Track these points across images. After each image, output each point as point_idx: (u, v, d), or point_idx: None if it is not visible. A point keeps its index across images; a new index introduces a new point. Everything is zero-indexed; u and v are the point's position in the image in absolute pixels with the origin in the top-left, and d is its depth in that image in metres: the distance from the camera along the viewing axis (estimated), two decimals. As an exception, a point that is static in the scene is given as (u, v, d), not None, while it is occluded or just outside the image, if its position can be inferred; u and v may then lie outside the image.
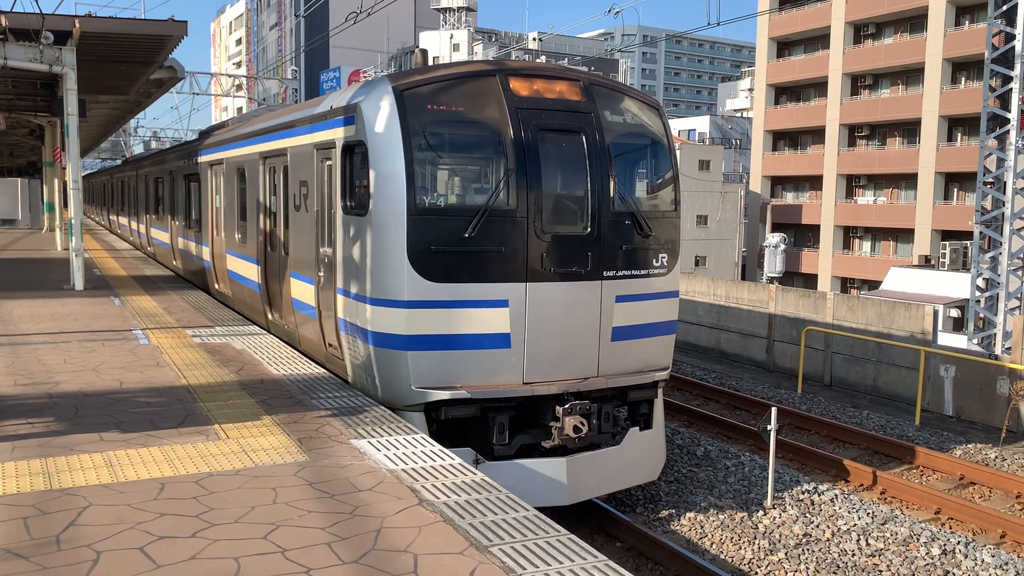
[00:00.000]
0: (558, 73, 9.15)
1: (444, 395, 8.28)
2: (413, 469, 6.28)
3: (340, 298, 9.15)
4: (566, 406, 8.61)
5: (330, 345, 9.65)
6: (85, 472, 6.06)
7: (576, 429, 8.56)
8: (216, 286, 15.67)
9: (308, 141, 10.11)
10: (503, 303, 8.36)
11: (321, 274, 9.71)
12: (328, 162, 9.44)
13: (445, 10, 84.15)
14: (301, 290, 10.44)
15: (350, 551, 4.84)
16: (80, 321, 12.52)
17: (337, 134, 9.15)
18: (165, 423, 7.31)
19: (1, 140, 37.21)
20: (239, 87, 55.16)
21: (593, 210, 8.76)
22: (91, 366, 9.48)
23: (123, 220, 32.60)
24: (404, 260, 8.12)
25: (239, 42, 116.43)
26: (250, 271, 12.99)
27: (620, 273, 8.99)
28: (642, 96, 9.81)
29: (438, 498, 5.69)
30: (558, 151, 8.76)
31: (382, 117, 8.32)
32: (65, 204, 20.76)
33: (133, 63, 18.82)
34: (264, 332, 12.02)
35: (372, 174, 8.33)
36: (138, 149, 64.55)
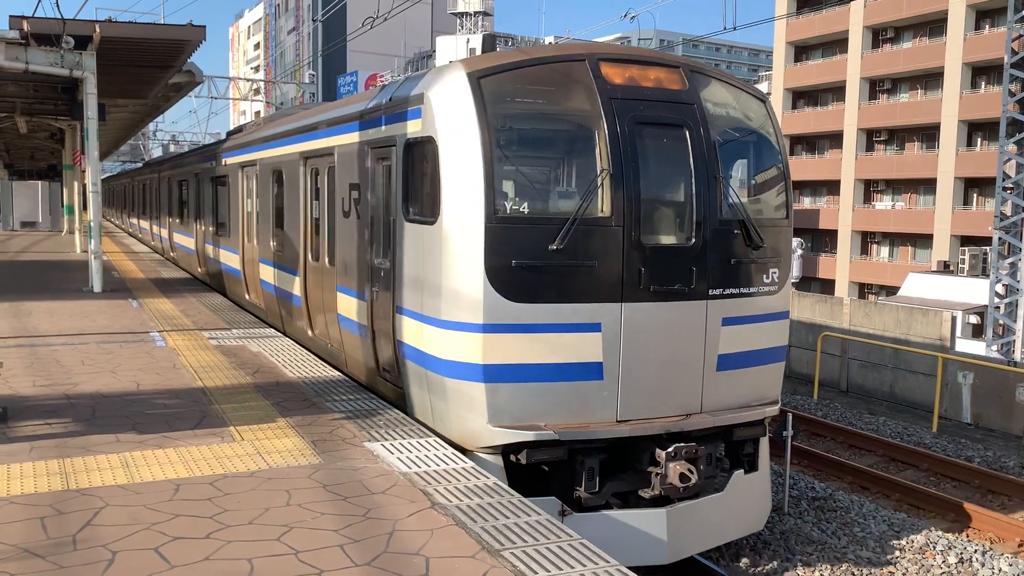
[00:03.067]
0: (655, 58, 8.03)
1: (528, 436, 7.12)
2: (426, 472, 6.30)
3: (400, 318, 8.08)
4: (670, 449, 7.47)
5: (385, 370, 8.64)
6: (102, 473, 6.12)
7: (684, 478, 7.43)
8: (248, 296, 14.78)
9: (361, 139, 9.07)
10: (595, 327, 7.25)
11: (375, 289, 8.68)
12: (385, 162, 8.47)
13: (462, 15, 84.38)
14: (349, 306, 9.42)
15: (363, 553, 4.86)
16: (98, 323, 12.63)
17: (398, 130, 8.14)
18: (181, 425, 7.36)
19: (22, 143, 37.60)
20: (257, 91, 55.49)
21: (698, 218, 7.62)
22: (108, 368, 9.56)
23: (144, 224, 32.17)
24: (480, 276, 7.05)
25: (257, 47, 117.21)
26: (288, 282, 11.98)
27: (728, 291, 7.81)
28: (746, 87, 8.66)
29: (451, 501, 5.70)
30: (658, 148, 7.65)
31: (456, 108, 7.26)
32: (84, 207, 20.98)
33: (152, 67, 18.98)
34: (280, 335, 12.08)
35: (443, 175, 7.29)
36: (157, 152, 65.05)
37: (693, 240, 7.63)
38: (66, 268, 20.95)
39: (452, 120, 7.28)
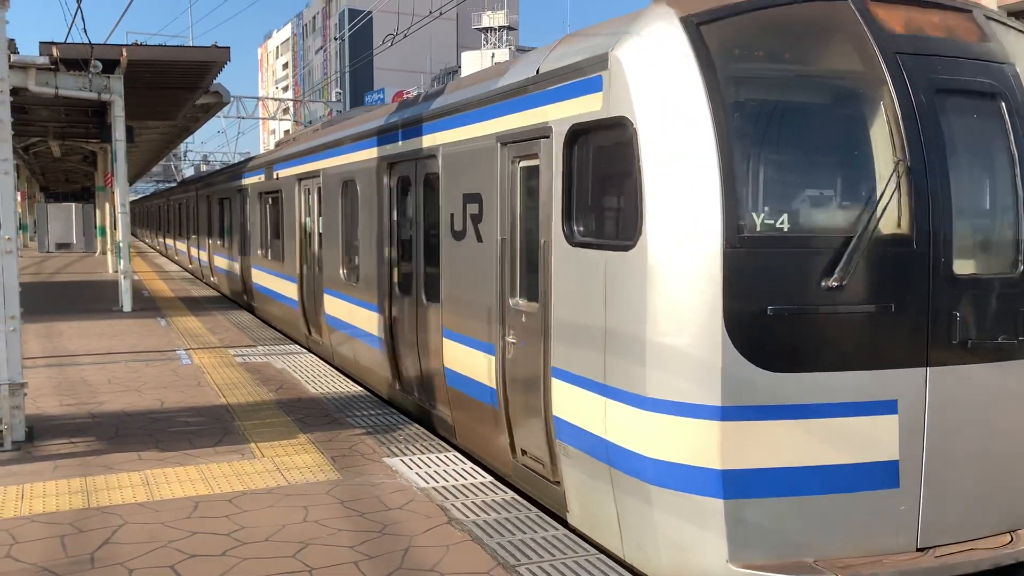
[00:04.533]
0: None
1: None
2: (444, 487, 6.27)
3: (557, 385, 5.75)
4: None
5: (527, 454, 6.40)
6: (122, 491, 6.16)
7: None
8: (311, 334, 12.57)
9: (483, 132, 6.87)
10: (888, 406, 4.91)
11: (511, 340, 6.45)
12: (528, 162, 6.29)
13: (487, 30, 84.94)
14: (465, 360, 7.23)
15: (377, 570, 4.84)
16: (126, 341, 12.79)
17: (554, 113, 5.79)
18: (202, 442, 7.41)
19: (57, 167, 38.37)
20: (285, 110, 56.21)
21: None
22: (134, 386, 9.66)
23: (181, 246, 30.42)
24: (717, 330, 4.68)
25: (286, 66, 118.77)
26: (365, 321, 9.77)
27: None
28: None
29: (467, 517, 5.67)
30: (966, 130, 5.31)
31: (667, 73, 4.92)
32: (116, 227, 21.33)
33: (179, 89, 19.28)
34: (304, 351, 12.14)
35: (647, 175, 4.91)
36: (189, 172, 66.07)
37: (1022, 268, 5.22)
38: (98, 288, 21.29)
39: (661, 90, 4.93)
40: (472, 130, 7.11)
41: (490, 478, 6.52)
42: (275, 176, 14.40)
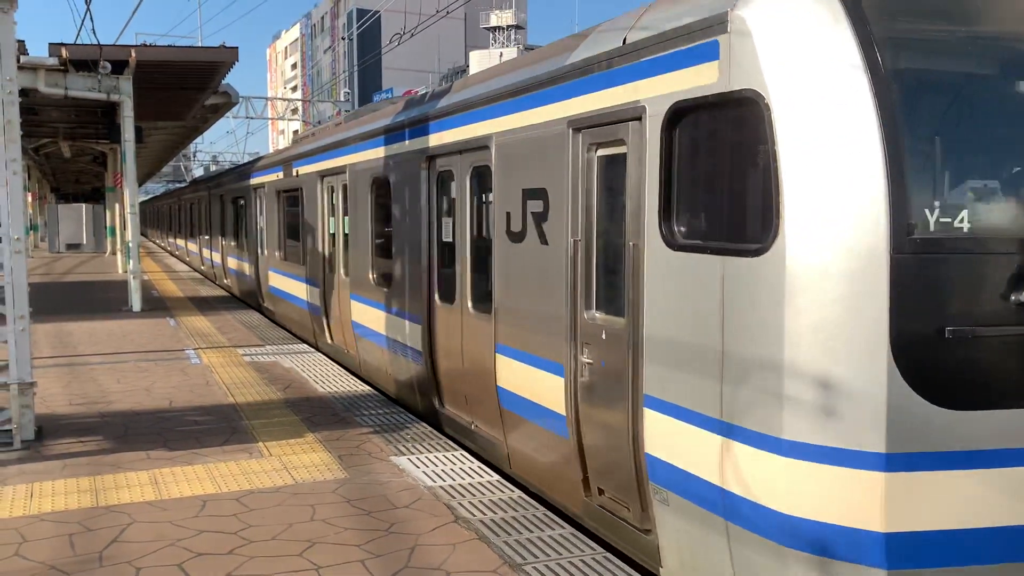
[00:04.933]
0: None
1: None
2: (451, 486, 6.27)
3: (652, 416, 4.84)
4: None
5: (605, 493, 5.52)
6: (131, 490, 6.18)
7: None
8: (330, 340, 11.92)
9: (548, 117, 5.94)
10: None
11: (586, 359, 5.53)
12: (608, 150, 5.35)
13: (495, 29, 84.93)
14: (525, 379, 6.35)
15: (384, 568, 4.84)
16: (135, 342, 12.84)
17: (648, 89, 4.83)
18: (210, 441, 7.43)
19: (67, 167, 38.58)
20: (294, 110, 56.37)
21: None
22: (143, 386, 9.70)
23: (192, 247, 29.61)
24: (881, 358, 3.79)
25: (294, 66, 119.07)
26: (397, 330, 9.01)
27: None
28: None
29: (474, 515, 5.67)
30: None
31: (809, 34, 4.00)
32: (125, 227, 21.42)
33: (188, 89, 19.34)
34: (313, 350, 12.15)
35: (783, 161, 3.97)
36: (198, 173, 66.29)
37: None
38: (107, 288, 21.38)
39: (803, 56, 3.99)
40: (536, 115, 6.08)
41: (497, 477, 6.51)
42: (295, 172, 13.60)
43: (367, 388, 9.63)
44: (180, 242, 35.37)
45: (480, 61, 74.28)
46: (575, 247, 5.61)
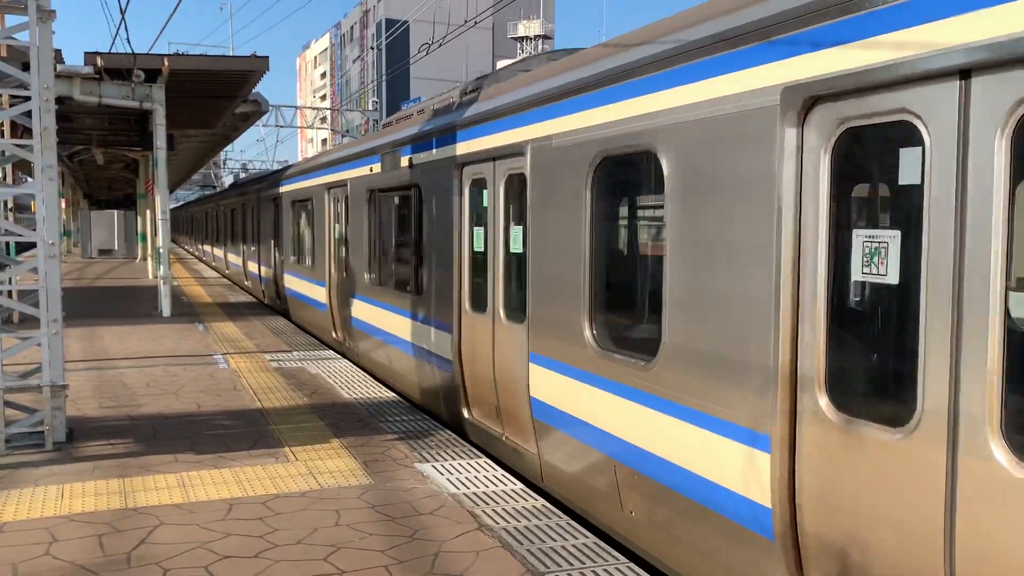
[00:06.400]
0: None
1: None
2: (475, 493, 6.28)
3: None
4: None
5: None
6: (159, 492, 6.26)
7: None
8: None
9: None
10: None
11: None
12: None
13: (522, 39, 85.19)
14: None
15: (407, 574, 4.86)
16: (165, 346, 13.00)
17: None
18: (237, 445, 7.50)
19: (99, 174, 39.15)
20: (323, 119, 56.84)
21: None
22: (172, 390, 9.81)
23: (234, 259, 26.80)
24: None
25: (324, 76, 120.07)
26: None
27: None
28: None
29: (498, 523, 5.67)
30: None
31: None
32: (156, 233, 21.70)
33: (219, 98, 19.60)
34: (338, 356, 12.22)
35: None
36: (228, 180, 67.04)
37: None
38: (138, 293, 21.67)
39: None
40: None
41: (521, 485, 6.51)
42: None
43: (391, 395, 9.67)
44: (218, 252, 33.05)
45: (507, 71, 74.30)
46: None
